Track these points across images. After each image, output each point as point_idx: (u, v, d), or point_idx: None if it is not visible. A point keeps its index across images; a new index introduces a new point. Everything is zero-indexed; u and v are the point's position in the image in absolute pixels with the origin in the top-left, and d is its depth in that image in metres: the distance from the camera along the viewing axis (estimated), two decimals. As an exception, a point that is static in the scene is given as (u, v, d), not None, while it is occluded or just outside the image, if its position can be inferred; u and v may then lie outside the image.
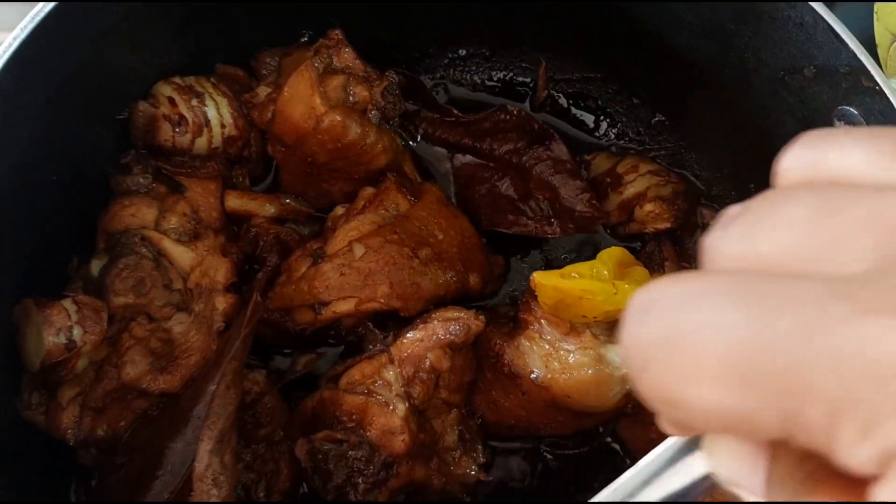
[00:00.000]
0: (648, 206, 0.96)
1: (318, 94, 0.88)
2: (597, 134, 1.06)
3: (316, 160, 0.91)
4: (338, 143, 0.90)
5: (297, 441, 0.83)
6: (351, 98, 0.92)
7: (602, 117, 1.05)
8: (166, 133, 0.90)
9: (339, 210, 0.92)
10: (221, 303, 0.91)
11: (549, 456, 0.96)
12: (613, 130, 1.05)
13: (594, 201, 0.93)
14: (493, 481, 0.93)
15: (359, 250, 0.86)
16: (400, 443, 0.83)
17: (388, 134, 0.93)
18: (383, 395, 0.84)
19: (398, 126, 0.98)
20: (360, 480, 0.83)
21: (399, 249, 0.87)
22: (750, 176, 0.95)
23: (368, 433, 0.82)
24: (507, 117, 0.97)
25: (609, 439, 0.97)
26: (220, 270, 0.92)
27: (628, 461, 0.97)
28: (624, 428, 0.95)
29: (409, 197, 0.91)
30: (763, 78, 0.87)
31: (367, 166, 0.92)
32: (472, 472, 0.89)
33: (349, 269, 0.86)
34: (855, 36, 0.77)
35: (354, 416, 0.83)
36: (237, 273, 0.92)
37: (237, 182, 0.96)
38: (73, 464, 0.88)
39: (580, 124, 1.06)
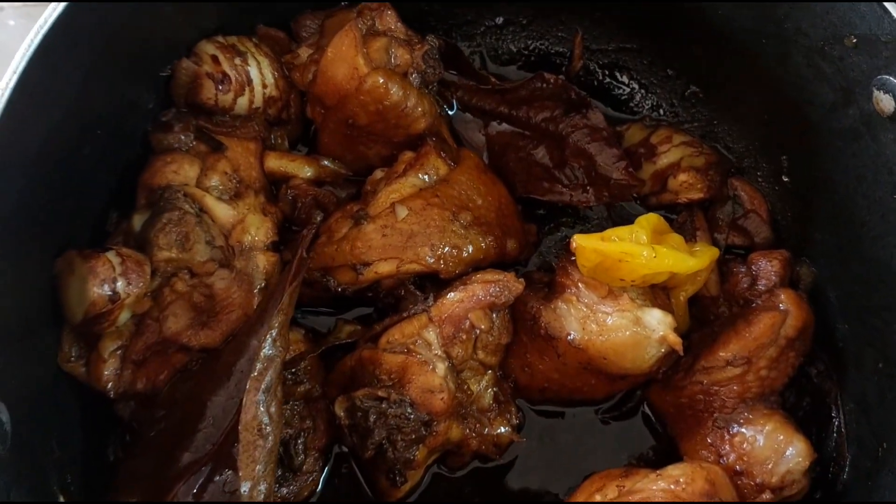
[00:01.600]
0: (682, 176, 0.97)
1: (361, 55, 0.89)
2: (631, 104, 1.07)
3: (356, 122, 0.92)
4: (379, 105, 0.90)
5: (335, 399, 0.83)
6: (393, 60, 0.92)
7: (636, 88, 1.06)
8: (209, 91, 0.91)
9: (379, 174, 0.93)
10: (262, 261, 0.91)
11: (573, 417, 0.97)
12: (647, 102, 1.06)
13: (630, 169, 0.94)
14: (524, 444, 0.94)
15: (401, 212, 0.87)
16: (439, 401, 0.84)
17: (428, 98, 0.94)
18: (423, 355, 0.85)
19: (435, 92, 0.99)
20: (399, 437, 0.83)
21: (441, 213, 0.88)
22: (782, 148, 0.96)
23: (408, 391, 0.83)
24: (544, 85, 0.98)
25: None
26: (262, 229, 0.92)
27: (658, 427, 0.98)
28: (654, 393, 0.97)
29: (448, 162, 0.92)
30: (801, 48, 0.88)
31: (407, 129, 0.92)
32: (506, 433, 0.90)
33: (391, 230, 0.87)
34: (899, 5, 0.78)
35: (394, 375, 0.84)
36: (277, 233, 0.93)
37: (276, 143, 0.96)
38: (111, 417, 0.88)
39: (614, 95, 1.07)
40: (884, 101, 0.81)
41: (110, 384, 0.86)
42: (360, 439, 0.85)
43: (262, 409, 0.77)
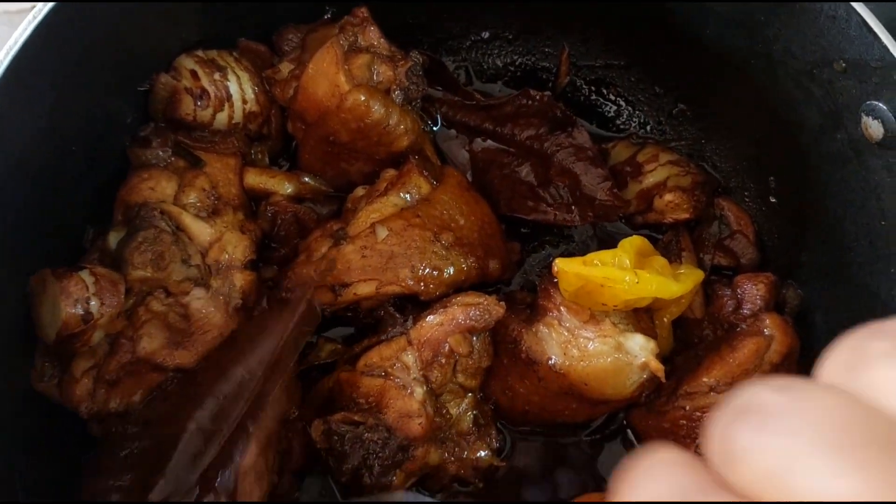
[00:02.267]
0: (668, 196, 0.96)
1: (342, 72, 0.87)
2: (617, 122, 1.05)
3: (337, 139, 0.91)
4: (360, 123, 0.89)
5: (312, 421, 0.82)
6: (375, 77, 0.91)
7: (623, 105, 1.04)
8: (188, 106, 0.89)
9: (360, 191, 0.91)
10: (240, 280, 0.90)
11: (561, 442, 0.96)
12: (634, 119, 1.04)
13: (615, 190, 0.93)
14: (505, 467, 0.93)
15: (382, 233, 0.86)
16: (417, 426, 0.83)
17: (411, 115, 0.93)
18: (401, 378, 0.83)
19: (419, 108, 0.97)
20: (375, 463, 0.82)
21: (422, 234, 0.87)
22: (770, 169, 0.95)
23: (385, 416, 0.82)
24: (530, 102, 0.96)
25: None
26: (239, 247, 0.91)
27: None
28: (636, 417, 0.95)
29: (430, 180, 0.90)
30: (790, 70, 0.87)
31: (389, 147, 0.91)
32: (486, 456, 0.89)
33: (371, 251, 0.85)
34: (889, 31, 0.77)
35: (371, 399, 0.82)
36: (256, 251, 0.92)
37: (256, 159, 0.95)
38: (85, 436, 0.87)
39: (601, 112, 1.05)
40: (872, 127, 0.80)
41: (84, 404, 0.84)
42: (337, 463, 0.84)
43: (261, 458, 0.76)
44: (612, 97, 1.05)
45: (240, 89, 0.91)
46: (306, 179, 0.93)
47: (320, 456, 0.86)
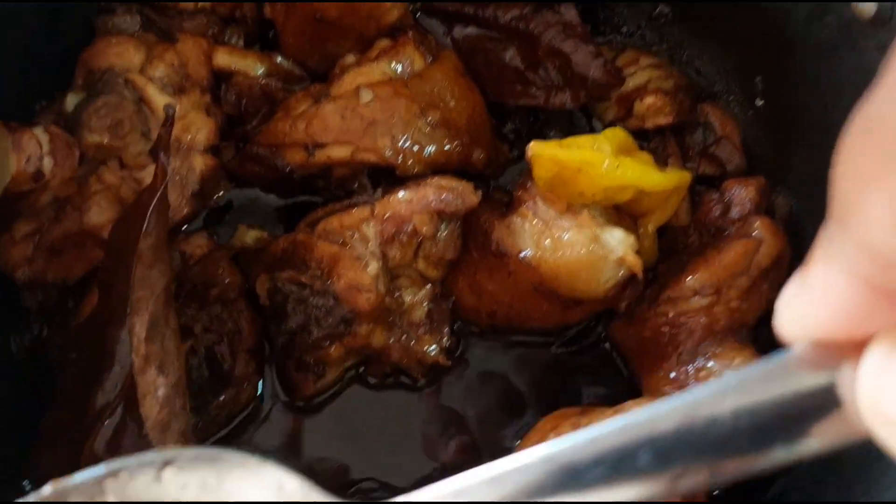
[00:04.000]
0: (649, 100, 0.92)
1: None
2: (595, 26, 1.00)
3: (325, 16, 0.87)
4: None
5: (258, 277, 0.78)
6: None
7: (601, 9, 1.00)
8: (157, -21, 0.87)
9: (351, 58, 0.88)
10: (200, 164, 0.87)
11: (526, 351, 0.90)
12: (612, 22, 1.00)
13: (609, 67, 0.89)
14: (454, 368, 0.88)
15: (366, 96, 0.82)
16: (364, 301, 0.79)
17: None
18: (358, 249, 0.79)
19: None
20: (314, 329, 0.79)
21: (408, 105, 0.83)
22: (756, 68, 0.91)
23: (334, 284, 0.78)
24: (511, -21, 0.92)
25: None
26: (203, 130, 0.87)
27: (621, 365, 0.91)
28: (615, 328, 0.90)
29: (426, 57, 0.87)
30: (779, -45, 0.84)
31: (378, 21, 0.88)
32: (433, 353, 0.84)
33: (352, 113, 0.82)
34: None
35: (324, 265, 0.78)
36: (218, 137, 0.89)
37: (231, 42, 0.92)
38: (16, 308, 0.83)
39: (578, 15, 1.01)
40: (863, 5, 0.77)
41: (20, 269, 0.80)
42: (276, 324, 0.80)
43: (156, 344, 0.70)
44: (590, -1, 1.01)
45: (209, -36, 0.89)
46: (279, 60, 0.90)
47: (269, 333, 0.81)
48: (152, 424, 0.69)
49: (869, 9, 0.76)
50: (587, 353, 0.91)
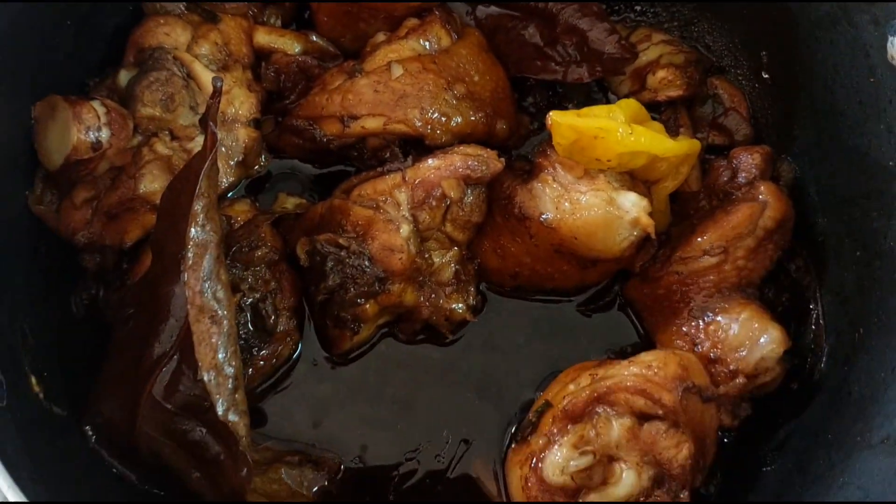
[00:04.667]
0: (661, 73, 0.98)
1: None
2: (610, 5, 1.06)
3: (357, -6, 0.94)
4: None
5: (298, 241, 0.84)
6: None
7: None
8: (200, -38, 0.93)
9: (381, 36, 0.94)
10: (244, 136, 0.93)
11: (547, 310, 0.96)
12: (626, 1, 1.05)
13: (623, 42, 0.94)
14: (479, 325, 0.94)
15: (396, 70, 0.89)
16: (397, 261, 0.85)
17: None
18: (391, 213, 0.85)
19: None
20: (351, 287, 0.85)
21: (435, 79, 0.90)
22: (762, 43, 0.97)
23: (369, 246, 0.84)
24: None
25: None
26: (246, 104, 0.94)
27: (636, 321, 0.97)
28: (630, 287, 0.96)
29: (452, 34, 0.93)
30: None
31: (406, 2, 0.94)
32: (460, 310, 0.90)
33: (384, 87, 0.88)
34: None
35: (359, 228, 0.84)
36: (260, 111, 0.95)
37: (270, 22, 0.98)
38: (76, 269, 0.90)
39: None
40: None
41: (80, 233, 0.87)
42: (315, 283, 0.86)
43: (208, 296, 0.75)
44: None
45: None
46: (314, 38, 0.96)
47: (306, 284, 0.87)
48: (207, 368, 0.75)
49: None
50: (604, 311, 0.97)
